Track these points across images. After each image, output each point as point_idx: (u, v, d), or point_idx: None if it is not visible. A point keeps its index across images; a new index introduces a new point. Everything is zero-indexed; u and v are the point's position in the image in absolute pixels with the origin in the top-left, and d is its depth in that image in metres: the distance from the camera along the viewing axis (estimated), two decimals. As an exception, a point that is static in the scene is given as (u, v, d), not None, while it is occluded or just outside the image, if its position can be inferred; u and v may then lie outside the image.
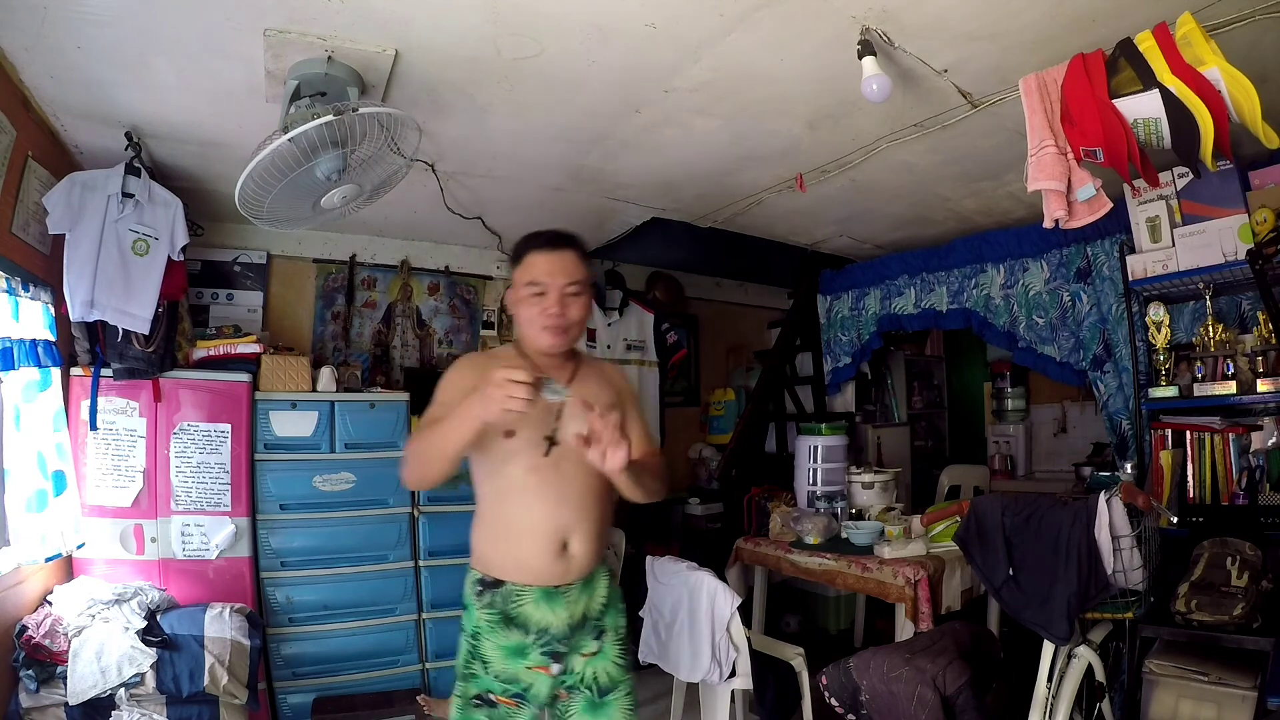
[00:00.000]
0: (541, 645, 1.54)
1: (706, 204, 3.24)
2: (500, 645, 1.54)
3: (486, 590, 1.56)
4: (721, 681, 2.47)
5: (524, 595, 1.54)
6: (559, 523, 1.54)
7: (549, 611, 1.54)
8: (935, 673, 1.78)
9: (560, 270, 1.55)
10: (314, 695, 2.97)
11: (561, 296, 1.54)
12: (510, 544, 1.55)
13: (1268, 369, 2.36)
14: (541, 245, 1.57)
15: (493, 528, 1.59)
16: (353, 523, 3.11)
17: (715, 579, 2.55)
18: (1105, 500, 1.91)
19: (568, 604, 1.55)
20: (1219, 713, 1.96)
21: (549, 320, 1.54)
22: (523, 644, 1.54)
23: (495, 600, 1.55)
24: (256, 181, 1.89)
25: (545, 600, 1.54)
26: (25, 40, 1.85)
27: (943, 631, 2.17)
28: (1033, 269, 3.32)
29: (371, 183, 2.15)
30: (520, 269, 1.59)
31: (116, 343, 2.57)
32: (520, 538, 1.54)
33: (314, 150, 1.85)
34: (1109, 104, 1.71)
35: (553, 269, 1.55)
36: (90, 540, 2.55)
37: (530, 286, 1.55)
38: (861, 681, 1.66)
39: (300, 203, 2.06)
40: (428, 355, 3.85)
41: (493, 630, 1.54)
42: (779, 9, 1.75)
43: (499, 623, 1.54)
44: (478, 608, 1.57)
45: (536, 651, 1.54)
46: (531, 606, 1.54)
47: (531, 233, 1.62)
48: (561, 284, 1.54)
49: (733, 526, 3.78)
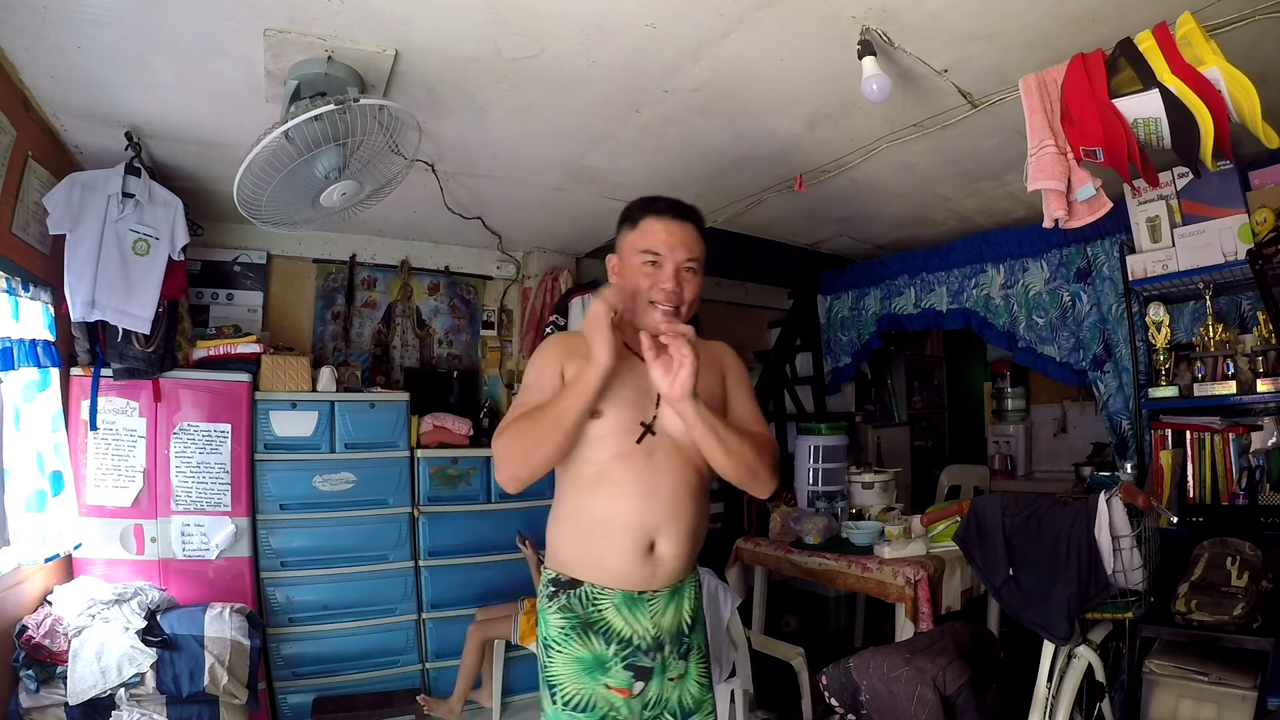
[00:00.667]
0: (623, 658, 1.34)
1: (706, 204, 3.23)
2: (575, 658, 1.34)
3: (561, 591, 1.38)
4: (721, 681, 2.47)
5: (604, 599, 1.35)
6: (646, 519, 1.35)
7: (632, 619, 1.35)
8: (935, 673, 1.78)
9: (681, 243, 1.39)
10: (314, 695, 2.97)
11: (678, 271, 1.38)
12: (590, 541, 1.37)
13: (1268, 369, 2.36)
14: (662, 211, 1.41)
15: (571, 522, 1.41)
16: (353, 523, 3.11)
17: (715, 579, 2.55)
18: (1105, 500, 1.90)
19: (652, 613, 1.36)
20: (1219, 713, 1.95)
21: (661, 296, 1.37)
22: (602, 656, 1.34)
23: (571, 603, 1.36)
24: (255, 176, 1.89)
25: (628, 607, 1.35)
26: (25, 40, 1.85)
27: (943, 631, 2.17)
28: (1033, 269, 3.32)
29: (372, 183, 2.15)
30: (633, 233, 1.42)
31: (116, 343, 2.57)
32: (602, 534, 1.36)
33: (314, 143, 1.84)
34: (1109, 104, 1.70)
35: (673, 240, 1.39)
36: (90, 540, 2.55)
37: (644, 255, 1.38)
38: (861, 681, 1.66)
39: (299, 200, 2.06)
40: (428, 355, 3.85)
41: (566, 639, 1.35)
42: (779, 9, 1.75)
43: (575, 629, 1.35)
44: (550, 612, 1.38)
45: (618, 665, 1.34)
46: (612, 612, 1.35)
47: (649, 196, 1.46)
48: (681, 258, 1.39)
49: (733, 526, 3.78)
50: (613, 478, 1.35)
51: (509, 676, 3.31)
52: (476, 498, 3.42)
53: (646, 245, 1.39)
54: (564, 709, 1.34)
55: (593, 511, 1.38)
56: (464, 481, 3.39)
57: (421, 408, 3.42)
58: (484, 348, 4.02)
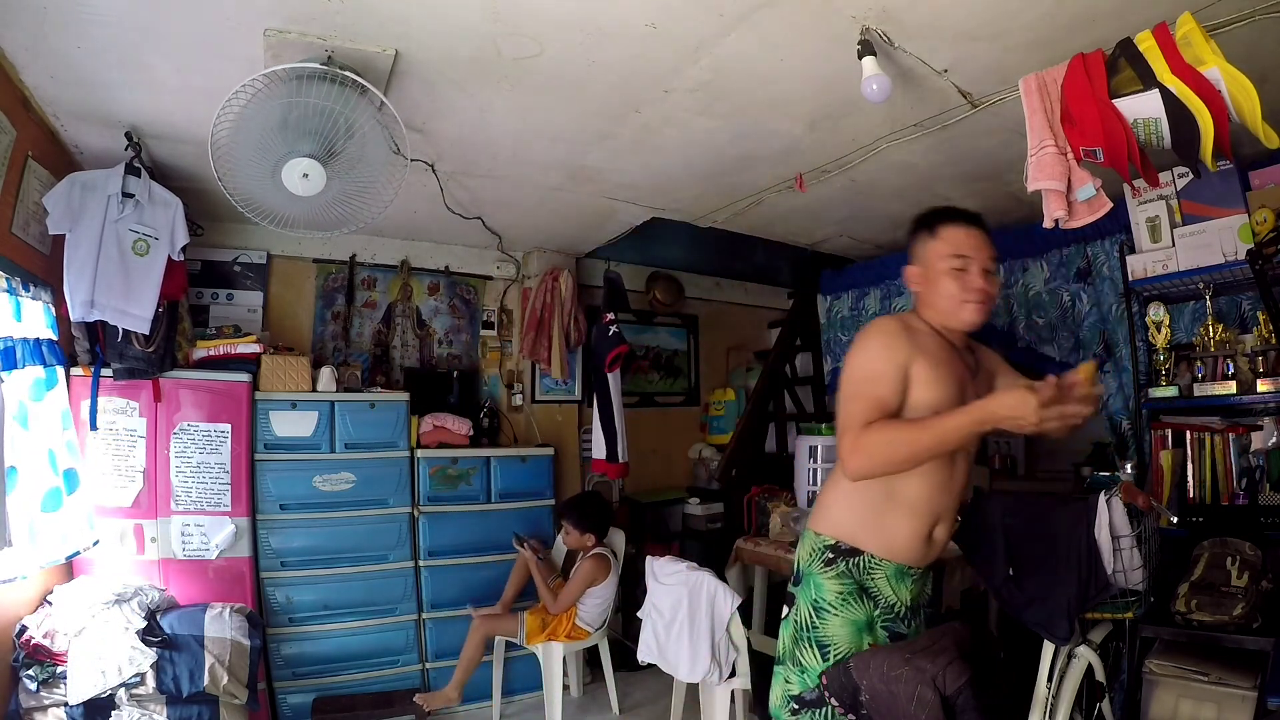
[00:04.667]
0: (885, 623, 1.51)
1: (706, 204, 3.23)
2: (850, 620, 1.49)
3: (841, 558, 1.51)
4: (721, 682, 2.47)
5: (878, 569, 1.51)
6: (939, 507, 1.51)
7: (899, 588, 1.52)
8: (935, 673, 1.77)
9: (982, 244, 1.53)
10: (314, 695, 2.97)
11: (983, 273, 1.51)
12: (885, 518, 1.50)
13: (1268, 369, 2.36)
14: (960, 219, 1.55)
15: (869, 497, 1.51)
16: (353, 523, 3.11)
17: (715, 579, 2.55)
18: (1105, 500, 1.90)
19: (913, 586, 1.54)
20: (1219, 713, 1.95)
21: (974, 295, 1.50)
22: (871, 617, 1.50)
23: (850, 569, 1.50)
24: (230, 123, 1.86)
25: (897, 578, 1.52)
26: (25, 40, 1.85)
27: (943, 631, 2.16)
28: (1033, 269, 3.32)
29: (352, 183, 2.08)
30: (935, 241, 1.55)
31: (116, 343, 2.58)
32: (902, 514, 1.50)
33: (289, 128, 1.83)
34: (1109, 104, 1.70)
35: (976, 243, 1.52)
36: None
37: (954, 259, 1.51)
38: (861, 681, 1.66)
39: (264, 166, 1.97)
40: (428, 355, 3.85)
41: (844, 603, 1.49)
42: (779, 9, 1.75)
43: (852, 593, 1.49)
44: (827, 577, 1.52)
45: (879, 625, 1.51)
46: (883, 581, 1.51)
47: (938, 207, 1.60)
48: (985, 258, 1.52)
49: (733, 526, 3.78)
50: (923, 467, 1.45)
51: (509, 676, 3.31)
52: (476, 498, 3.42)
53: (954, 250, 1.52)
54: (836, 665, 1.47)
55: (896, 494, 1.49)
56: (464, 481, 3.39)
57: (421, 408, 3.42)
58: (484, 348, 4.02)
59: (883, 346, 1.48)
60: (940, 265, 1.53)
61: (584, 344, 4.07)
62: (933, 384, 1.44)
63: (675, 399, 4.78)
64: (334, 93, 1.86)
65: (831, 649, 1.49)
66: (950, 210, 1.58)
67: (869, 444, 1.37)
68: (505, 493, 3.50)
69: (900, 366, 1.44)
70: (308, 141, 1.91)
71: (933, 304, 1.57)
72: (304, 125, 1.89)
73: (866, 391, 1.43)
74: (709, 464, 4.53)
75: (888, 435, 1.37)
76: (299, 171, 1.94)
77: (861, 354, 1.49)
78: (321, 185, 1.97)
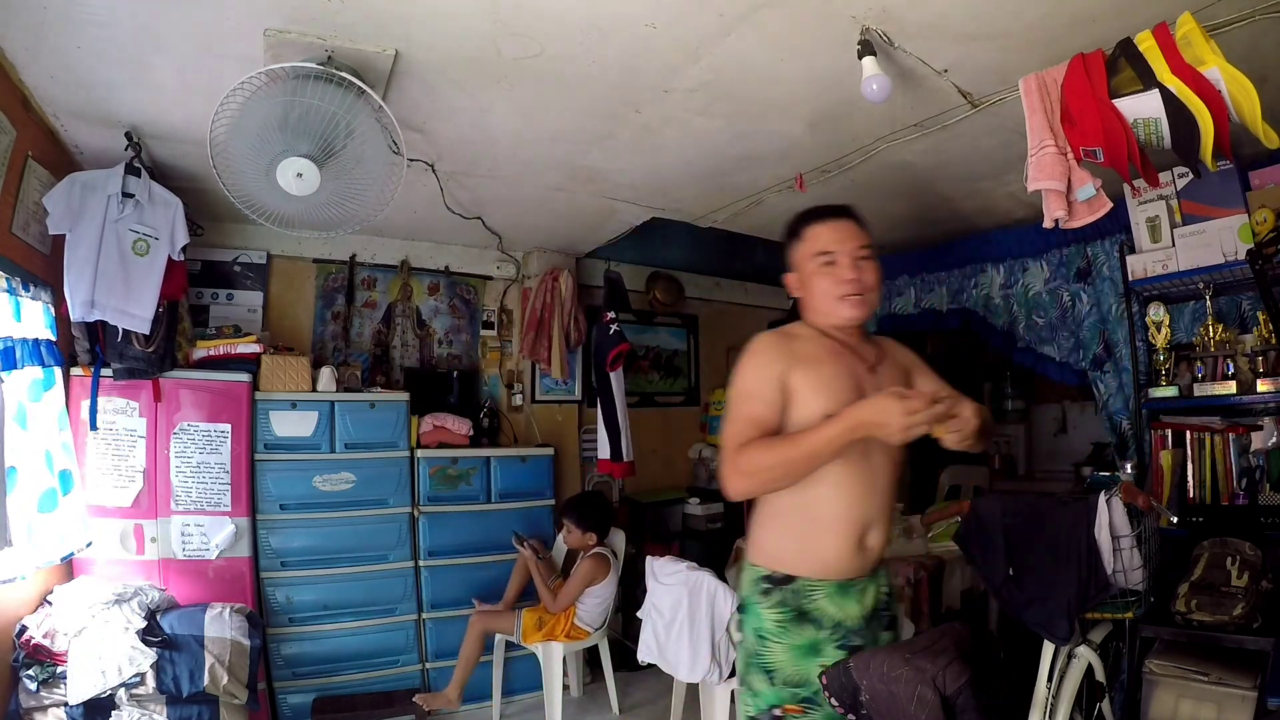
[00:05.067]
0: (836, 640, 1.46)
1: (706, 204, 3.23)
2: (792, 646, 1.45)
3: (775, 588, 1.47)
4: (721, 681, 2.47)
5: (817, 590, 1.45)
6: (864, 515, 1.45)
7: (844, 604, 1.46)
8: (935, 673, 1.77)
9: (848, 235, 1.48)
10: (314, 695, 2.97)
11: (854, 262, 1.47)
12: (811, 538, 1.46)
13: (1268, 369, 2.36)
14: (821, 216, 1.52)
15: (789, 519, 1.48)
16: (353, 523, 3.11)
17: (715, 579, 2.55)
18: (1105, 500, 1.91)
19: (859, 597, 1.48)
20: (1219, 713, 1.95)
21: (847, 288, 1.46)
22: (816, 640, 1.45)
23: (786, 598, 1.46)
24: (228, 120, 1.86)
25: (839, 594, 1.46)
26: (25, 40, 1.85)
27: (943, 631, 2.16)
28: (1033, 269, 3.32)
29: (348, 184, 2.07)
30: (801, 244, 1.52)
31: (116, 343, 2.57)
32: (823, 531, 1.44)
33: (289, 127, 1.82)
34: (1109, 104, 1.70)
35: (841, 235, 1.48)
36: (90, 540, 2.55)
37: (820, 257, 1.48)
38: (861, 681, 1.66)
39: (260, 163, 1.96)
40: (428, 355, 3.85)
41: (783, 631, 1.46)
42: (779, 9, 1.75)
43: (791, 621, 1.45)
44: (764, 607, 1.48)
45: (831, 646, 1.46)
46: (825, 601, 1.45)
47: (803, 210, 1.56)
48: (852, 248, 1.47)
49: (733, 526, 3.78)
50: (834, 477, 1.41)
51: (509, 676, 3.31)
52: (476, 498, 3.42)
53: (818, 248, 1.48)
54: (784, 687, 1.46)
55: (814, 509, 1.44)
56: (464, 481, 3.39)
57: (421, 408, 3.42)
58: (484, 348, 4.02)
59: (755, 365, 1.46)
60: (809, 266, 1.50)
61: (584, 344, 4.07)
62: (819, 390, 1.41)
63: (675, 399, 4.78)
64: (332, 94, 1.86)
65: (778, 674, 1.46)
66: (813, 210, 1.55)
67: (744, 465, 1.37)
68: (505, 493, 3.50)
69: (775, 380, 1.42)
70: (305, 141, 1.90)
71: (813, 306, 1.54)
72: (302, 125, 1.88)
73: (742, 412, 1.43)
74: (709, 464, 4.53)
75: (761, 454, 1.36)
76: (293, 171, 1.93)
77: (737, 374, 1.48)
78: (316, 185, 1.96)
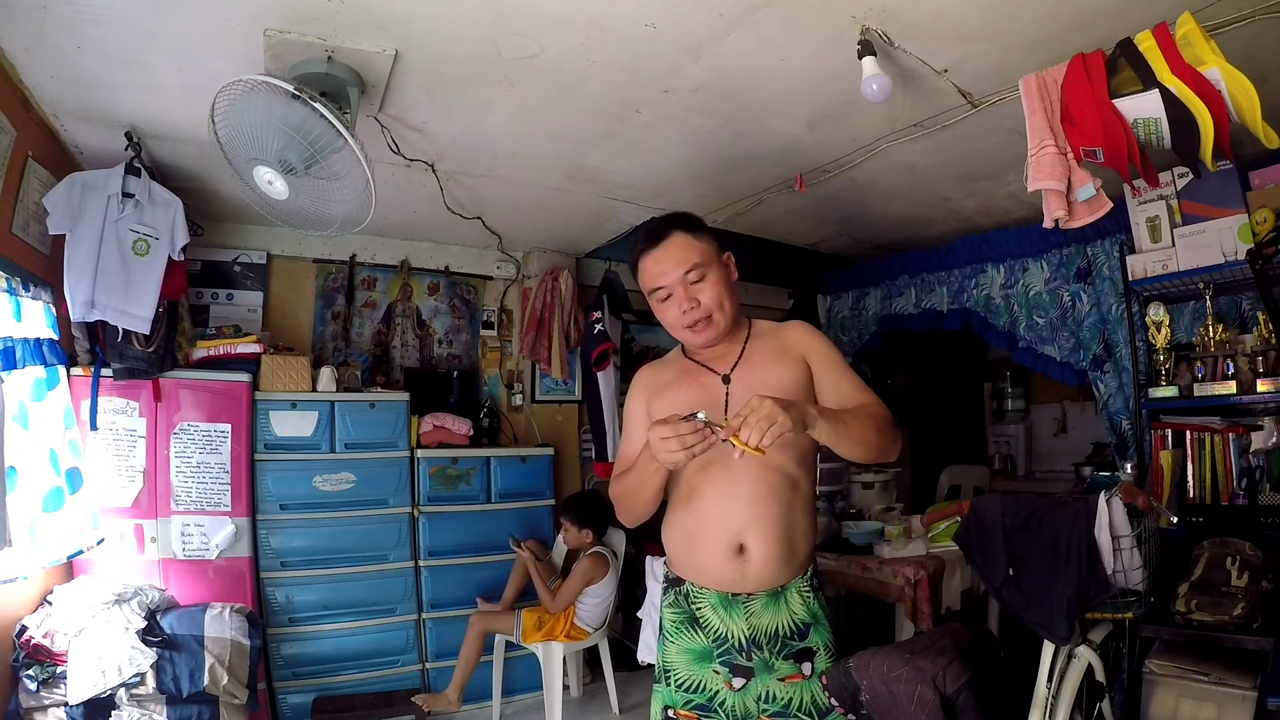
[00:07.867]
0: (719, 655, 1.44)
1: (706, 204, 3.23)
2: (686, 649, 1.48)
3: (670, 588, 1.53)
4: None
5: (701, 598, 1.47)
6: (730, 523, 1.42)
7: (727, 619, 1.44)
8: (935, 673, 1.78)
9: (671, 263, 1.43)
10: (314, 695, 2.97)
11: (685, 289, 1.43)
12: (688, 545, 1.49)
13: (1268, 369, 2.36)
14: (647, 245, 1.47)
15: (673, 529, 1.53)
16: (353, 523, 3.11)
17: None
18: (1105, 500, 1.90)
19: (748, 614, 1.43)
20: (1219, 713, 1.95)
21: (686, 319, 1.44)
22: (706, 648, 1.46)
23: (678, 600, 1.50)
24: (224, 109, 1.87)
25: (724, 607, 1.44)
26: (25, 40, 1.85)
27: (943, 631, 2.16)
28: (1033, 269, 3.32)
29: (322, 199, 2.07)
30: (640, 278, 1.49)
31: (116, 343, 2.57)
32: (694, 537, 1.47)
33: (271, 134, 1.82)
34: (1109, 104, 1.70)
35: (663, 266, 1.44)
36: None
37: (653, 295, 1.47)
38: (861, 681, 1.66)
39: (243, 161, 1.97)
40: (428, 355, 3.85)
41: (677, 631, 1.49)
42: (779, 9, 1.75)
43: (684, 623, 1.48)
44: (665, 605, 1.53)
45: (715, 658, 1.45)
46: (709, 611, 1.46)
47: (635, 235, 1.53)
48: (677, 277, 1.42)
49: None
50: (699, 489, 1.45)
51: (509, 676, 3.31)
52: (476, 498, 3.42)
53: (649, 286, 1.47)
54: (677, 690, 1.47)
55: (687, 520, 1.49)
56: (464, 481, 3.39)
57: (421, 408, 3.42)
58: (484, 348, 4.02)
59: (629, 402, 1.57)
60: (651, 301, 1.49)
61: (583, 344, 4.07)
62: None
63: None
64: (310, 115, 1.84)
65: (672, 674, 1.49)
66: (639, 236, 1.50)
67: (612, 495, 1.49)
68: (505, 493, 3.50)
69: (641, 415, 1.49)
70: (289, 149, 1.90)
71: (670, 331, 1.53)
72: (284, 137, 1.87)
73: (621, 449, 1.55)
74: (709, 464, 4.52)
75: (615, 486, 1.48)
76: (265, 178, 1.96)
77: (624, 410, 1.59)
78: (286, 195, 1.99)
